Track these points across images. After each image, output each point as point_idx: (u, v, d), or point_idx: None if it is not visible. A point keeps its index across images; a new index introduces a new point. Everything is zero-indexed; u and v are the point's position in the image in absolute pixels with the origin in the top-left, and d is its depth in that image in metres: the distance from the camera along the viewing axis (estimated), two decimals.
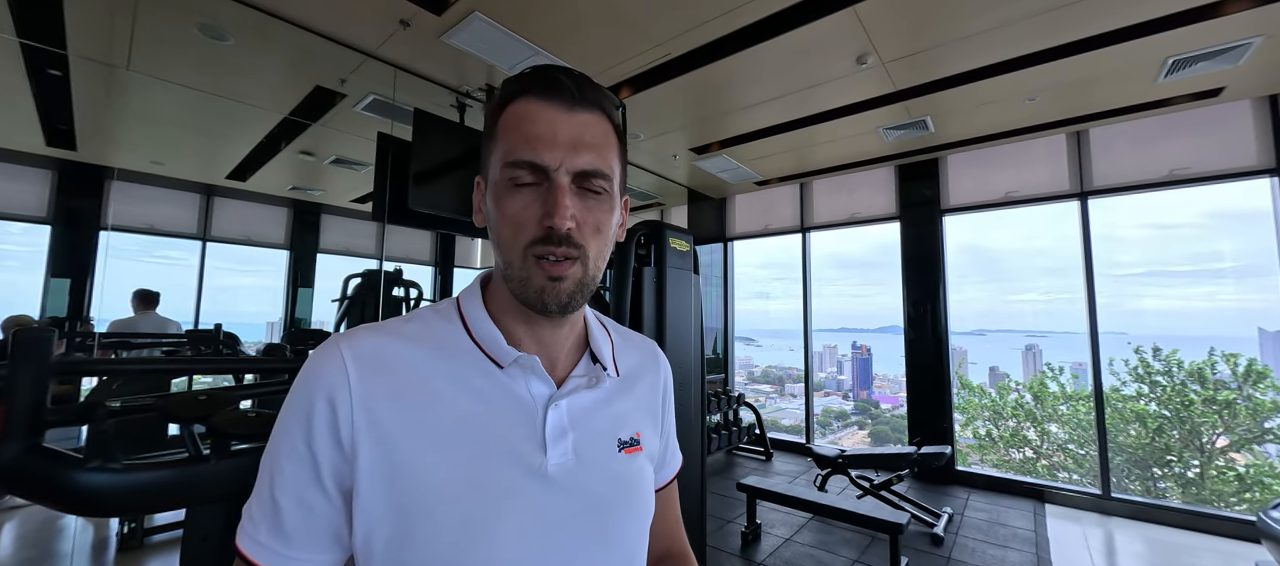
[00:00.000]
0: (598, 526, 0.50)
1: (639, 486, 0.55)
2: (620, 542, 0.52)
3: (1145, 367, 5.12)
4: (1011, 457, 5.81)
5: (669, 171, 5.19)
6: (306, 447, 0.45)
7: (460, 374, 0.49)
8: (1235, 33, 2.61)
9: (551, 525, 0.47)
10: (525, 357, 0.50)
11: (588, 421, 0.53)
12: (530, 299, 0.48)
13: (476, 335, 0.51)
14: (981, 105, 3.52)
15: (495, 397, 0.49)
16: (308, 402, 0.46)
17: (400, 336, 0.49)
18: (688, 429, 2.28)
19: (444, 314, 0.53)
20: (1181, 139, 3.66)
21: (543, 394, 0.51)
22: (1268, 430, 4.53)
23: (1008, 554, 3.06)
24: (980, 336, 5.62)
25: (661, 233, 2.23)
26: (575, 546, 0.48)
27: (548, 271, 0.47)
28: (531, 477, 0.47)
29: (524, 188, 0.47)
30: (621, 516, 0.52)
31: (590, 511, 0.49)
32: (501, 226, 0.49)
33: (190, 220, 5.79)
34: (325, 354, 0.47)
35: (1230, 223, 4.89)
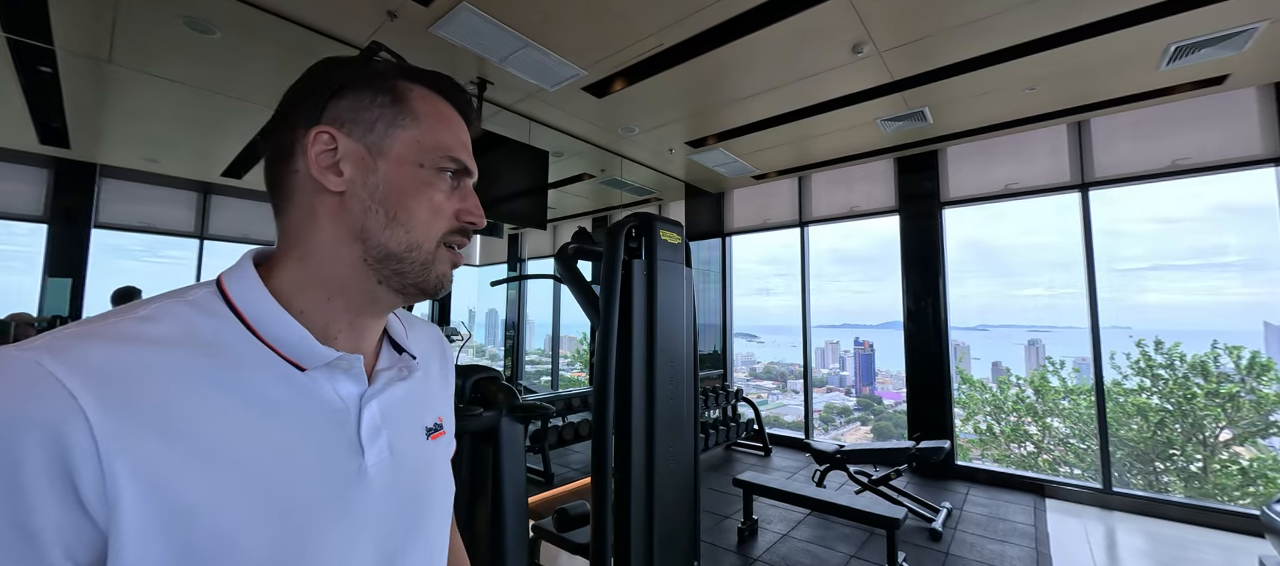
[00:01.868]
0: (417, 517, 0.50)
1: (444, 469, 0.56)
2: (435, 528, 0.53)
3: (1147, 361, 5.08)
4: (1013, 452, 5.78)
5: (665, 165, 5.15)
6: (13, 526, 0.31)
7: (246, 385, 0.40)
8: (1239, 18, 2.55)
9: (376, 527, 0.45)
10: (345, 359, 0.45)
11: (398, 414, 0.50)
12: (427, 284, 0.48)
13: (266, 333, 0.43)
14: (980, 95, 3.47)
15: (296, 408, 0.42)
16: (6, 450, 0.31)
17: (144, 342, 0.37)
18: (680, 424, 2.25)
19: (201, 305, 0.42)
20: (1184, 128, 3.60)
21: (353, 393, 0.46)
22: (1271, 423, 4.49)
23: (1006, 548, 3.03)
24: (983, 331, 5.57)
25: (652, 224, 2.19)
26: (398, 541, 0.47)
27: (454, 260, 0.50)
28: (350, 485, 0.44)
29: (446, 181, 0.49)
30: (434, 503, 0.53)
31: (409, 504, 0.49)
32: (417, 208, 0.47)
33: (187, 218, 5.78)
34: (21, 379, 0.33)
35: (1236, 216, 4.83)
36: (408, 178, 0.47)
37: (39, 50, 2.89)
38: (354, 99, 0.47)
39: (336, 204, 0.46)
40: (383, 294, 0.48)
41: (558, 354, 8.67)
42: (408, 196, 0.46)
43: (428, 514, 0.52)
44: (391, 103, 0.47)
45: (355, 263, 0.46)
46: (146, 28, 2.71)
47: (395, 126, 0.47)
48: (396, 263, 0.47)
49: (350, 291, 0.47)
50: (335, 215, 0.46)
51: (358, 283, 0.47)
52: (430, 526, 0.52)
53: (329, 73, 0.48)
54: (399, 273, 0.47)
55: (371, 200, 0.46)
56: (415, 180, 0.47)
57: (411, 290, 0.48)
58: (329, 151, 0.46)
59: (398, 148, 0.47)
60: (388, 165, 0.46)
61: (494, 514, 1.73)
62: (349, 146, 0.46)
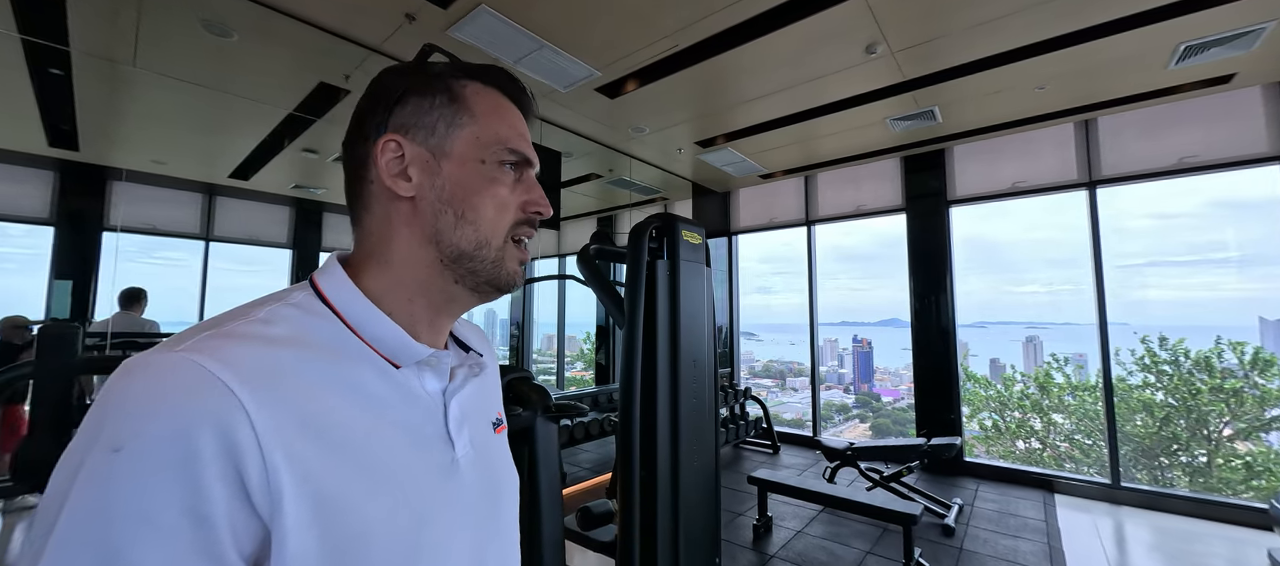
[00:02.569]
0: (497, 507, 0.52)
1: (509, 462, 0.58)
2: (511, 517, 0.55)
3: (1152, 357, 5.12)
4: (1017, 448, 5.82)
5: (672, 165, 5.16)
6: (188, 515, 0.32)
7: (354, 381, 0.42)
8: (1249, 17, 2.58)
9: (469, 516, 0.48)
10: (437, 356, 0.48)
11: (473, 408, 0.53)
12: (500, 279, 0.49)
13: (365, 332, 0.45)
14: (991, 94, 3.50)
15: (397, 404, 0.44)
16: (180, 447, 0.32)
17: (275, 343, 0.39)
18: (702, 422, 2.26)
19: (308, 308, 0.44)
20: (1191, 126, 3.64)
21: (437, 389, 0.49)
22: (1274, 418, 4.53)
23: (1020, 544, 3.06)
24: (981, 328, 5.63)
25: (674, 225, 2.21)
26: (486, 532, 0.50)
27: (521, 255, 0.50)
28: (448, 476, 0.46)
29: (508, 174, 0.50)
30: (509, 493, 0.55)
31: (490, 495, 0.51)
32: (482, 204, 0.48)
33: (192, 220, 5.77)
34: (185, 376, 0.34)
35: (1233, 212, 4.91)
36: (471, 175, 0.48)
37: (54, 52, 2.89)
38: (415, 104, 0.48)
39: (410, 209, 0.47)
40: (460, 293, 0.49)
41: (563, 353, 8.70)
42: (473, 194, 0.47)
43: (505, 503, 0.54)
44: (449, 102, 0.48)
45: (432, 264, 0.48)
46: (164, 30, 2.71)
47: (455, 126, 0.48)
48: (469, 261, 0.48)
49: (430, 292, 0.49)
50: (409, 220, 0.47)
51: (436, 284, 0.48)
52: (507, 515, 0.54)
53: (392, 82, 0.49)
54: (473, 271, 0.48)
55: (440, 201, 0.47)
56: (478, 177, 0.48)
57: (485, 288, 0.49)
58: (397, 158, 0.47)
59: (459, 146, 0.48)
60: (451, 165, 0.47)
61: (530, 514, 1.75)
62: (414, 151, 0.47)
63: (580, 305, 8.50)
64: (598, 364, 7.81)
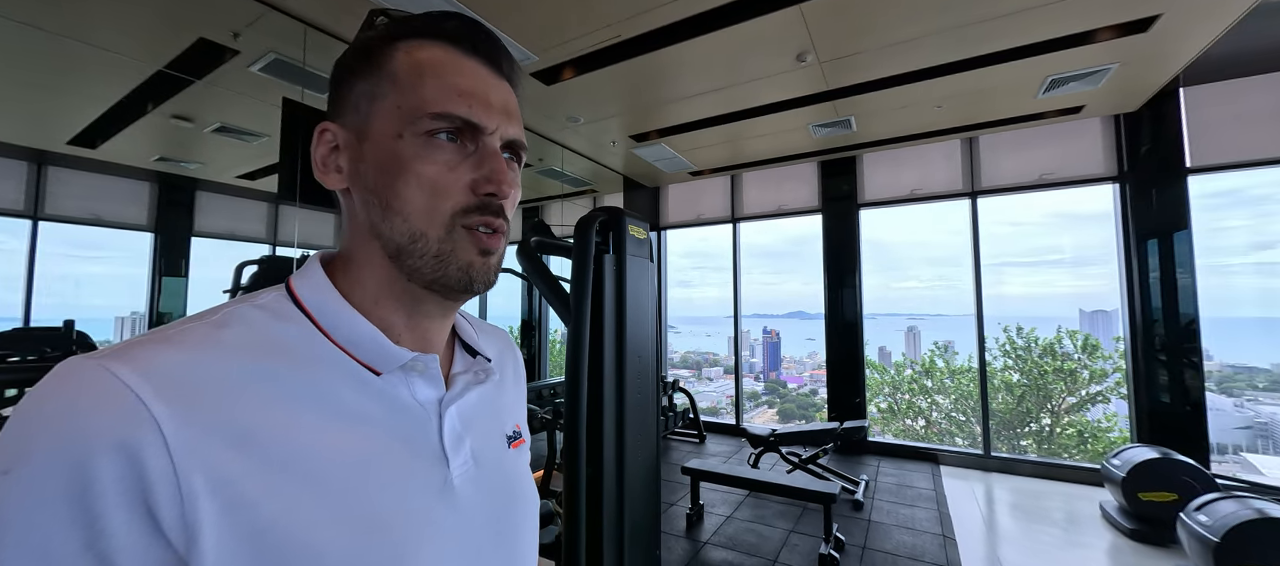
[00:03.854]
0: (506, 533, 0.46)
1: (529, 480, 0.52)
2: (523, 541, 0.48)
3: (1012, 344, 6.02)
4: (907, 426, 6.57)
5: (605, 157, 5.11)
6: (87, 552, 0.28)
7: (322, 391, 0.37)
8: (1099, 59, 3.08)
9: (465, 544, 0.42)
10: (421, 359, 0.42)
11: (479, 421, 0.47)
12: (450, 277, 0.41)
13: (338, 335, 0.40)
14: (898, 109, 3.85)
15: (375, 415, 0.39)
16: (71, 474, 0.28)
17: (220, 347, 0.34)
18: (646, 417, 2.27)
19: (275, 310, 0.40)
20: (1048, 148, 4.29)
21: (431, 398, 0.43)
22: (1098, 393, 5.54)
23: (916, 512, 3.44)
24: (872, 320, 6.25)
25: (621, 219, 2.18)
26: (489, 555, 0.44)
27: (481, 243, 0.41)
28: (437, 498, 0.40)
29: (443, 147, 0.40)
30: (522, 515, 0.49)
31: (497, 519, 0.45)
32: (404, 189, 0.40)
33: (14, 194, 4.70)
34: (93, 388, 0.30)
35: (1067, 222, 6.05)
36: (386, 155, 0.40)
37: None
38: (349, 82, 0.42)
39: (350, 203, 0.43)
40: (422, 294, 0.43)
41: None
42: (392, 177, 0.40)
43: (517, 529, 0.48)
44: (371, 71, 0.41)
45: (383, 262, 0.42)
46: None
47: (376, 98, 0.41)
48: (409, 258, 0.41)
49: (394, 292, 0.43)
50: (353, 214, 0.43)
51: (397, 283, 0.42)
52: (520, 539, 0.48)
53: (341, 60, 0.44)
54: (416, 269, 0.41)
55: (366, 191, 0.41)
56: (394, 157, 0.40)
57: (439, 288, 0.42)
58: (331, 148, 0.43)
59: (377, 122, 0.41)
60: (370, 146, 0.41)
61: None
62: (344, 137, 0.42)
63: (503, 298, 8.18)
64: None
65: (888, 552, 2.87)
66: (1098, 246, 4.48)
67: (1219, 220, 4.21)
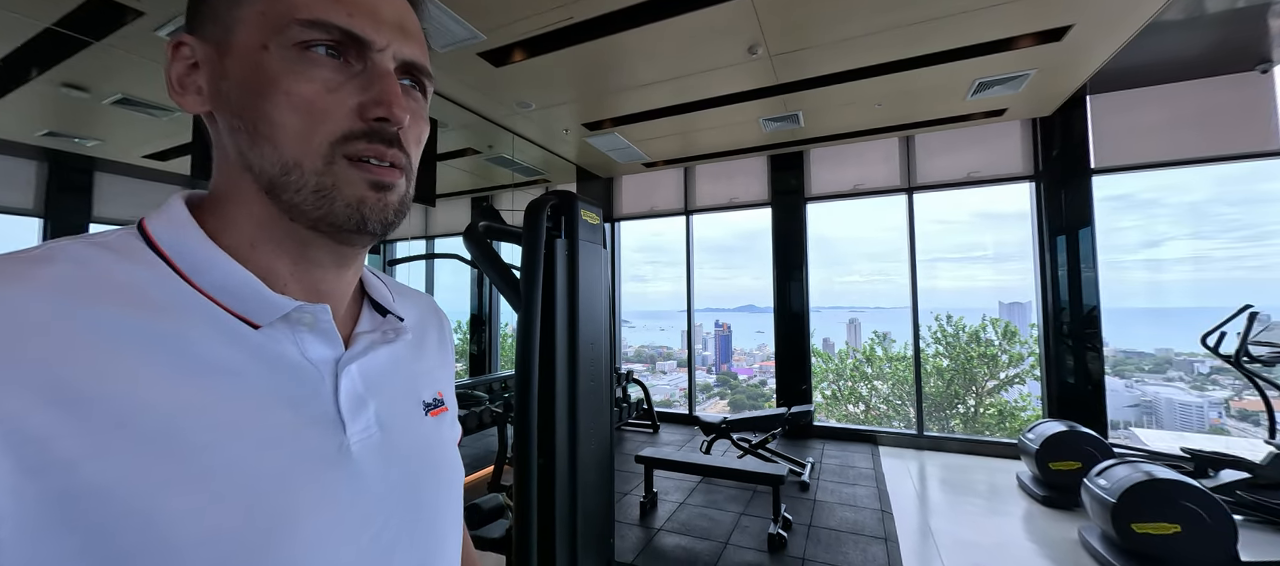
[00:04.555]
0: (419, 506, 0.42)
1: (451, 450, 0.48)
2: (442, 515, 0.45)
3: (942, 332, 6.47)
4: (850, 412, 6.93)
5: (557, 146, 5.01)
6: None
7: (178, 342, 0.32)
8: (1020, 65, 3.33)
9: (367, 516, 0.37)
10: (308, 310, 0.37)
11: (387, 384, 0.42)
12: (338, 216, 0.35)
13: (203, 281, 0.34)
14: (843, 105, 4.01)
15: (251, 373, 0.34)
16: None
17: (26, 284, 0.29)
18: (599, 405, 2.24)
19: (121, 250, 0.34)
20: (976, 148, 4.61)
21: (326, 357, 0.38)
22: (1015, 375, 6.06)
23: (857, 490, 3.62)
24: (817, 312, 6.55)
25: (573, 203, 2.13)
26: (395, 531, 0.39)
27: (373, 176, 0.36)
28: (328, 465, 0.36)
29: (321, 62, 0.35)
30: (438, 486, 0.45)
31: (408, 490, 0.41)
32: (274, 111, 0.34)
33: None
34: None
35: (990, 221, 6.61)
36: (251, 71, 0.34)
37: None
38: None
39: (216, 131, 0.37)
40: (309, 236, 0.37)
41: None
42: (258, 97, 0.34)
43: (433, 502, 0.44)
44: None
45: (258, 199, 0.36)
46: None
47: (238, 5, 0.35)
48: (284, 192, 0.35)
49: (273, 235, 0.37)
50: (220, 143, 0.37)
51: (276, 223, 0.37)
52: (438, 516, 0.44)
53: None
54: (295, 206, 0.35)
55: (231, 113, 0.35)
56: (260, 73, 0.34)
57: (327, 228, 0.36)
58: (188, 65, 0.37)
59: (240, 32, 0.35)
60: (233, 61, 0.35)
61: None
62: (203, 51, 0.36)
63: (451, 292, 7.90)
64: (472, 355, 7.32)
65: (832, 528, 3.01)
66: (1015, 244, 4.88)
67: (1115, 221, 4.69)
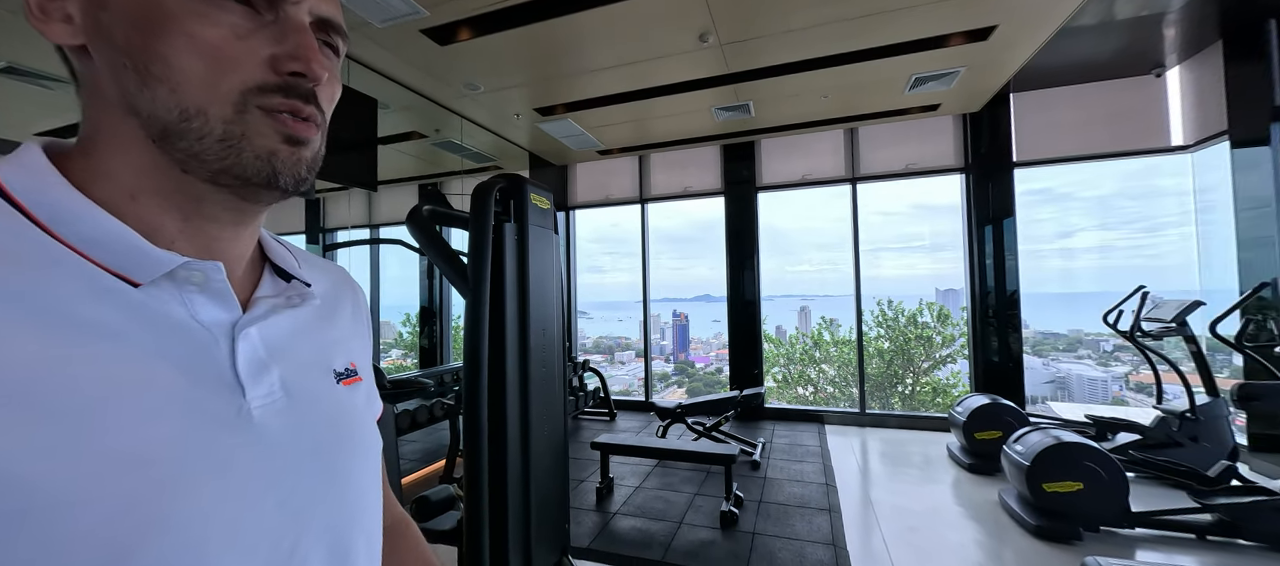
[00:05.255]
0: (332, 474, 0.40)
1: (366, 421, 0.47)
2: (358, 484, 0.43)
3: (884, 316, 6.84)
4: (799, 394, 7.22)
5: (509, 131, 4.89)
6: None
7: (41, 299, 0.29)
8: (952, 62, 3.54)
9: (270, 478, 0.35)
10: (196, 267, 0.34)
11: (293, 350, 0.40)
12: (247, 167, 0.33)
13: (70, 235, 0.31)
14: (791, 97, 4.13)
15: (132, 334, 0.31)
16: None
17: None
18: (551, 391, 2.23)
19: None
20: (913, 141, 4.87)
21: (221, 320, 0.36)
22: (947, 355, 6.51)
23: (804, 466, 3.79)
24: (769, 301, 6.78)
25: (522, 186, 2.09)
26: (305, 497, 0.37)
27: (288, 130, 0.34)
28: (225, 429, 0.34)
29: (227, 6, 0.32)
30: (351, 454, 0.43)
31: (316, 455, 0.39)
32: (174, 54, 0.31)
33: None
34: None
35: (927, 212, 7.06)
36: (143, 4, 0.31)
37: None
38: None
39: (89, 68, 0.34)
40: (204, 190, 0.34)
41: (377, 339, 7.63)
42: (152, 35, 0.31)
43: (348, 470, 0.42)
44: None
45: (143, 147, 0.33)
46: None
47: None
48: (182, 141, 0.32)
49: (161, 186, 0.34)
50: (93, 83, 0.34)
51: (161, 173, 0.33)
52: (353, 484, 0.42)
53: None
54: (195, 156, 0.32)
55: (114, 50, 0.32)
56: (156, 8, 0.31)
57: (231, 181, 0.33)
58: None
59: None
60: None
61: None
62: None
63: (397, 284, 7.57)
64: (422, 348, 7.07)
65: (781, 503, 3.14)
66: (949, 234, 5.21)
67: (1035, 213, 5.09)
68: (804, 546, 2.61)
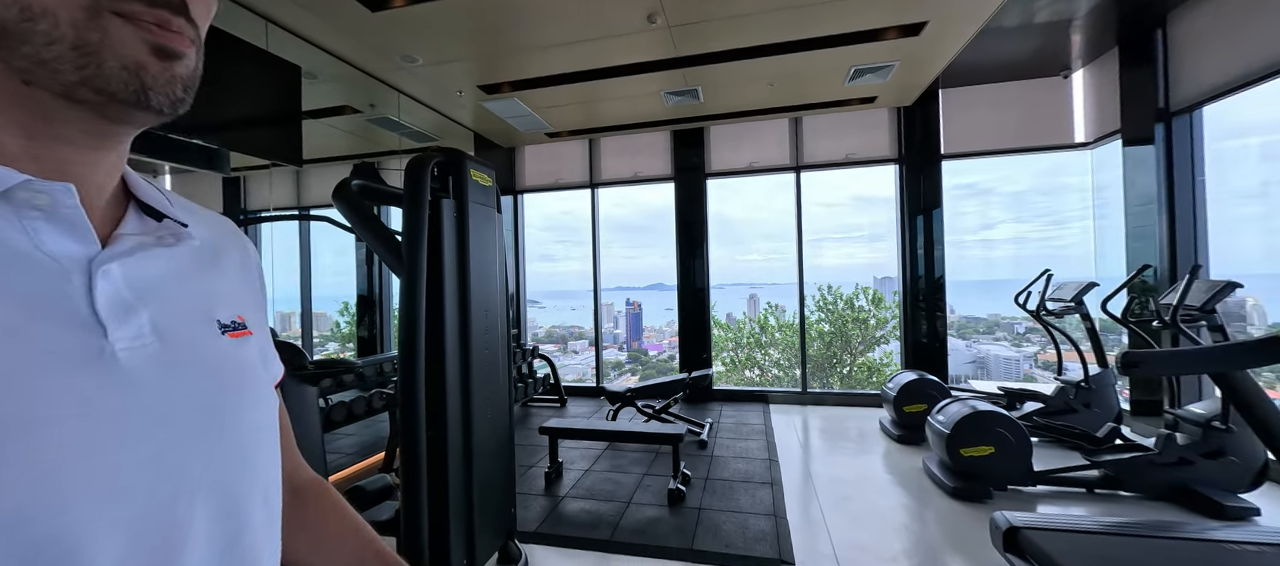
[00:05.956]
0: (211, 425, 0.36)
1: (259, 377, 0.43)
2: (247, 441, 0.40)
3: (825, 300, 7.18)
4: (747, 376, 7.47)
5: (452, 110, 4.67)
6: None
7: None
8: (888, 55, 3.71)
9: (143, 425, 0.33)
10: (40, 187, 0.30)
11: (166, 293, 0.37)
12: (109, 79, 0.29)
13: None
14: (739, 83, 4.19)
15: None
16: None
17: None
18: (494, 374, 2.17)
19: None
20: (853, 133, 5.09)
21: (74, 254, 0.32)
22: (881, 337, 6.93)
23: (749, 444, 3.92)
24: (721, 289, 6.92)
25: (461, 162, 2.01)
26: (186, 449, 0.35)
27: (155, 39, 0.31)
28: (83, 370, 0.30)
29: None
30: (242, 410, 0.40)
31: (198, 408, 0.36)
32: None
33: None
34: None
35: (865, 204, 7.47)
36: None
37: None
38: None
39: None
40: (55, 107, 0.30)
41: (310, 332, 7.16)
42: None
43: (238, 424, 0.39)
44: None
45: None
46: None
47: None
48: (26, 45, 0.28)
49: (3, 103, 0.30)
50: None
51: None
52: (244, 441, 0.39)
53: None
54: (42, 63, 0.28)
55: None
56: None
57: (89, 96, 0.30)
58: None
59: None
60: None
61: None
62: None
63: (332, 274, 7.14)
64: (361, 338, 6.71)
65: (726, 479, 3.23)
66: (886, 224, 5.52)
67: (960, 207, 5.48)
68: (747, 518, 2.71)
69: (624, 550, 2.46)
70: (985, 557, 2.27)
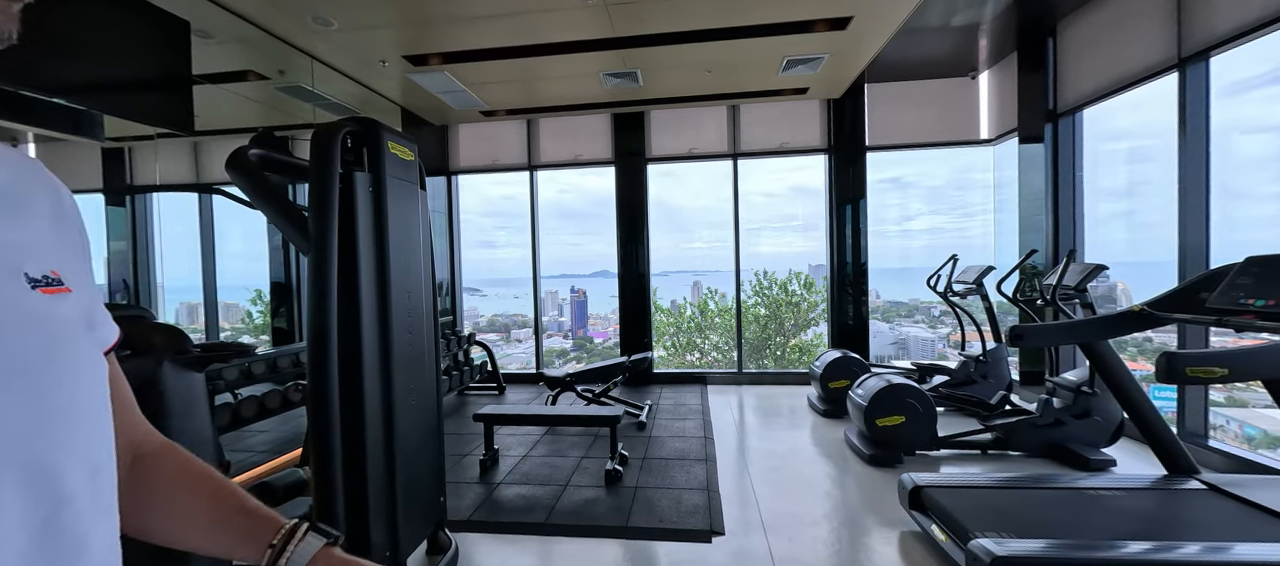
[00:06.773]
0: (26, 386, 0.33)
1: (76, 339, 0.39)
2: (64, 406, 0.36)
3: (760, 286, 7.48)
4: (688, 359, 7.66)
5: (375, 81, 4.36)
6: None
7: None
8: (818, 48, 3.85)
9: None
10: None
11: None
12: None
13: None
14: (676, 68, 4.21)
15: None
16: None
17: None
18: (419, 359, 2.07)
19: None
20: (787, 123, 5.27)
21: None
22: (812, 319, 7.32)
23: (686, 424, 4.02)
24: (665, 276, 7.01)
25: (377, 132, 1.87)
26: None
27: None
28: None
29: None
30: (59, 373, 0.36)
31: (7, 363, 0.32)
32: None
33: None
34: None
35: (801, 195, 7.83)
36: None
37: None
38: None
39: None
40: None
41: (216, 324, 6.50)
42: None
43: (50, 391, 0.35)
44: None
45: None
46: None
47: None
48: None
49: None
50: None
51: None
52: (60, 407, 0.35)
53: None
54: None
55: None
56: None
57: None
58: None
59: None
60: None
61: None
62: None
63: (243, 260, 6.50)
64: (276, 329, 6.19)
65: (663, 458, 3.30)
66: (818, 215, 5.80)
67: (884, 199, 5.84)
68: (681, 493, 2.78)
69: (559, 532, 2.46)
70: (895, 516, 2.48)
